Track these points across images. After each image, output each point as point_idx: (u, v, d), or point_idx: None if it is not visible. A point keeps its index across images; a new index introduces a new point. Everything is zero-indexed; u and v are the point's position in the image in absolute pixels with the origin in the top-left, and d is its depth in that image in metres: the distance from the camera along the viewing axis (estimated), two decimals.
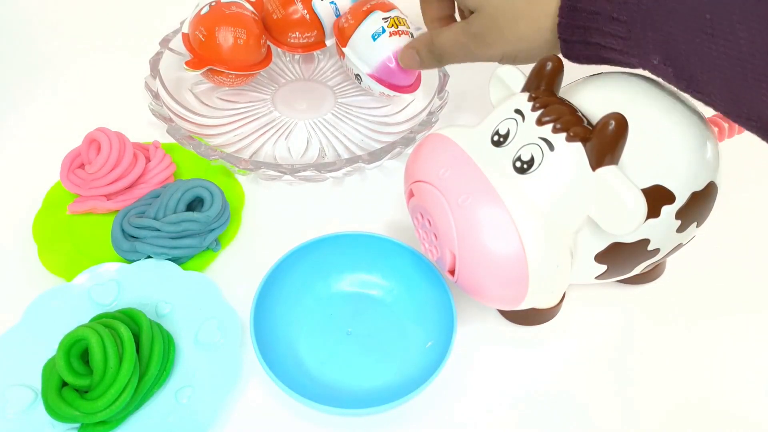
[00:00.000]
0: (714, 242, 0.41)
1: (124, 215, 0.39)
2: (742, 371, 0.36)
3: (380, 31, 0.44)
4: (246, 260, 0.40)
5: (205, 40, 0.45)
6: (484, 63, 0.39)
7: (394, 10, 0.46)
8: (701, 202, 0.31)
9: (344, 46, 0.46)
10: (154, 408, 0.32)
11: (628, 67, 0.32)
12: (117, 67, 0.54)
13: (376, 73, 0.46)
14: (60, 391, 0.31)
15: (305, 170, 0.42)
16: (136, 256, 0.38)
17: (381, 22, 0.45)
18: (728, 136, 0.37)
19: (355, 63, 0.46)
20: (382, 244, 0.38)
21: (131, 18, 0.60)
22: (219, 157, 0.42)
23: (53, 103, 0.51)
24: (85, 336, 0.31)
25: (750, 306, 0.39)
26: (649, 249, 0.32)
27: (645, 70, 0.30)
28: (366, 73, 0.46)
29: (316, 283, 0.38)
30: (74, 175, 0.41)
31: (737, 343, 0.37)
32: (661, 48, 0.28)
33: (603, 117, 0.27)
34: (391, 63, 0.45)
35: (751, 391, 0.35)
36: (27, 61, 0.55)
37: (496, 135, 0.31)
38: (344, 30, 0.46)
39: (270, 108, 0.50)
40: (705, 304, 0.39)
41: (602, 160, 0.28)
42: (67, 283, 0.37)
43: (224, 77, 0.47)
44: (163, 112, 0.44)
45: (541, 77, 0.31)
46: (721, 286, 0.40)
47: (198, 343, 0.35)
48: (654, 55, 0.29)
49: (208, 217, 0.38)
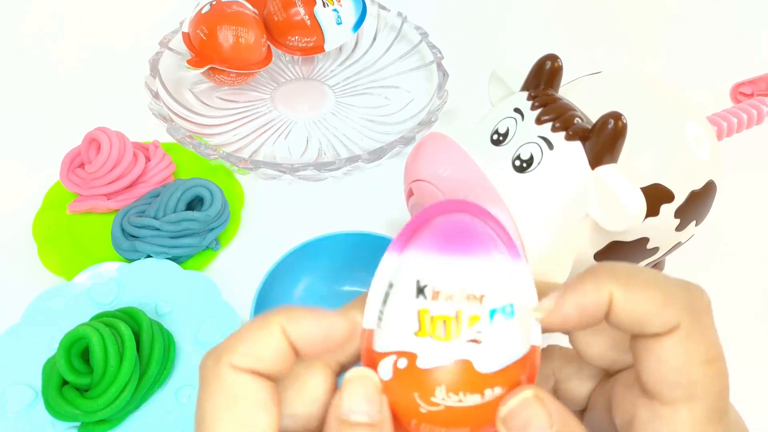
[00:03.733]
0: (713, 241, 0.41)
1: (124, 214, 0.39)
2: (742, 370, 0.36)
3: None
4: (246, 259, 0.40)
5: (206, 39, 0.45)
6: (483, 63, 0.39)
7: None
8: (700, 201, 0.32)
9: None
10: (154, 407, 0.32)
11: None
12: (117, 67, 0.54)
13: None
14: (60, 390, 0.31)
15: (305, 169, 0.42)
16: (136, 255, 0.38)
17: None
18: (727, 135, 0.37)
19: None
20: (382, 244, 0.38)
21: (131, 18, 0.60)
22: (219, 157, 0.42)
23: (53, 102, 0.51)
24: (85, 334, 0.31)
25: (749, 305, 0.39)
26: (648, 248, 0.32)
27: None
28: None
29: (316, 283, 0.38)
30: (74, 175, 0.41)
31: (737, 343, 0.37)
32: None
33: (602, 116, 0.27)
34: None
35: (752, 391, 0.35)
36: (27, 61, 0.55)
37: (495, 134, 0.31)
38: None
39: (270, 107, 0.50)
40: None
41: (601, 159, 0.28)
42: (67, 282, 0.37)
43: (225, 76, 0.47)
44: (162, 112, 0.45)
45: (540, 76, 0.31)
46: (720, 285, 0.40)
47: (198, 342, 0.35)
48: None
49: (207, 216, 0.38)
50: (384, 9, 0.56)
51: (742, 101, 0.45)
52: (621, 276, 0.17)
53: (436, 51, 0.53)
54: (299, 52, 0.51)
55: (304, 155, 0.47)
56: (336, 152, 0.47)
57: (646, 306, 0.16)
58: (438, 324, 0.17)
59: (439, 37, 0.54)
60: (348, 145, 0.47)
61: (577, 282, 0.17)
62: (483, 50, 0.59)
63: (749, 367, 0.36)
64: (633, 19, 0.66)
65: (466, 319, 0.17)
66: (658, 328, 0.16)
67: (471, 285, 0.17)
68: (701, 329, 0.17)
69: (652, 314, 0.16)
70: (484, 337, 0.17)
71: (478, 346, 0.17)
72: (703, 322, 0.17)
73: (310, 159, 0.46)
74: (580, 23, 0.65)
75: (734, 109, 0.40)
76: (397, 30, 0.56)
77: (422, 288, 0.17)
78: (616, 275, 0.17)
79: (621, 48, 0.61)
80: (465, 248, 0.17)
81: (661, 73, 0.55)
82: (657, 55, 0.60)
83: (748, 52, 0.61)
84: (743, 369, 0.36)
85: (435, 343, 0.17)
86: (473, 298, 0.17)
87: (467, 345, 0.17)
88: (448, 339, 0.17)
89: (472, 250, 0.17)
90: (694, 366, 0.16)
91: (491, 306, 0.17)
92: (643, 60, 0.59)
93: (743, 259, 0.41)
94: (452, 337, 0.17)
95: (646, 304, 0.16)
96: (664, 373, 0.17)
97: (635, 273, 0.17)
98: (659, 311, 0.16)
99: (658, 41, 0.63)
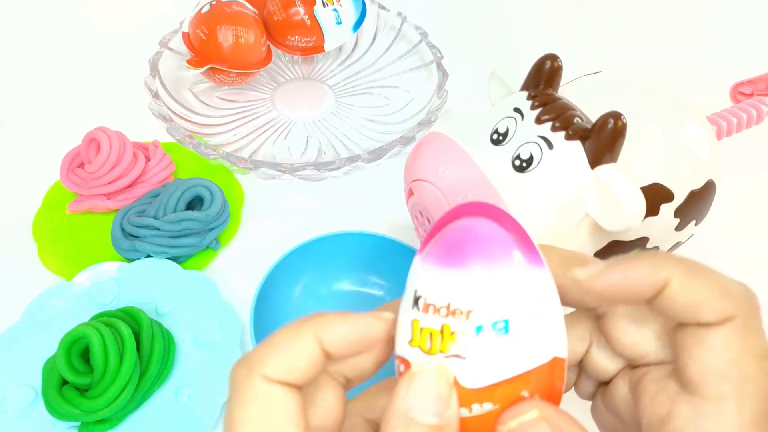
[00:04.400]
0: (712, 241, 0.41)
1: (123, 214, 0.39)
2: None
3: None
4: (246, 259, 0.40)
5: (206, 39, 0.45)
6: (483, 63, 0.39)
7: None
8: (700, 201, 0.32)
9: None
10: (154, 407, 0.32)
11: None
12: (117, 67, 0.54)
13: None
14: (60, 390, 0.31)
15: (304, 169, 0.42)
16: (136, 255, 0.38)
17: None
18: (727, 135, 0.37)
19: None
20: (382, 244, 0.38)
21: (131, 18, 0.60)
22: (218, 156, 0.42)
23: (53, 102, 0.51)
24: (85, 334, 0.31)
25: None
26: (648, 247, 0.32)
27: None
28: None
29: (316, 283, 0.38)
30: (74, 175, 0.41)
31: None
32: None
33: (602, 115, 0.27)
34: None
35: None
36: (27, 61, 0.55)
37: (495, 133, 0.31)
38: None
39: (269, 107, 0.50)
40: None
41: (601, 159, 0.28)
42: (67, 282, 0.37)
43: (225, 76, 0.47)
44: (162, 112, 0.45)
45: (540, 76, 0.31)
46: None
47: (198, 342, 0.35)
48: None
49: (207, 216, 0.38)
50: (384, 9, 0.56)
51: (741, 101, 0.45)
52: (680, 262, 0.16)
53: (435, 51, 0.53)
54: (299, 52, 0.51)
55: (303, 155, 0.47)
56: (336, 152, 0.47)
57: (704, 293, 0.16)
58: (425, 336, 0.17)
59: (439, 37, 0.54)
60: (348, 145, 0.47)
61: (631, 259, 0.17)
62: (483, 50, 0.59)
63: None
64: (633, 19, 0.66)
65: (450, 334, 0.16)
66: (714, 317, 0.16)
67: (458, 300, 0.16)
68: (758, 324, 0.16)
69: (709, 301, 0.16)
70: (469, 353, 0.16)
71: (462, 362, 0.16)
72: (758, 317, 0.16)
73: (310, 159, 0.46)
74: (580, 23, 0.65)
75: (734, 108, 0.40)
76: (396, 30, 0.56)
77: (417, 299, 0.17)
78: (676, 261, 0.17)
79: (621, 48, 0.61)
80: (462, 260, 0.17)
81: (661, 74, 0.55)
82: (657, 56, 0.60)
83: (748, 52, 0.61)
84: None
85: (422, 355, 0.17)
86: (459, 314, 0.16)
87: (450, 359, 0.16)
88: (433, 352, 0.16)
89: (471, 261, 0.17)
90: (748, 359, 0.16)
91: (478, 322, 0.16)
92: (643, 60, 0.59)
93: (743, 259, 0.41)
94: (437, 351, 0.16)
95: (705, 291, 0.16)
96: (715, 364, 0.16)
97: (693, 261, 0.17)
98: (717, 299, 0.16)
99: (658, 41, 0.63)
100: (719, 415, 0.16)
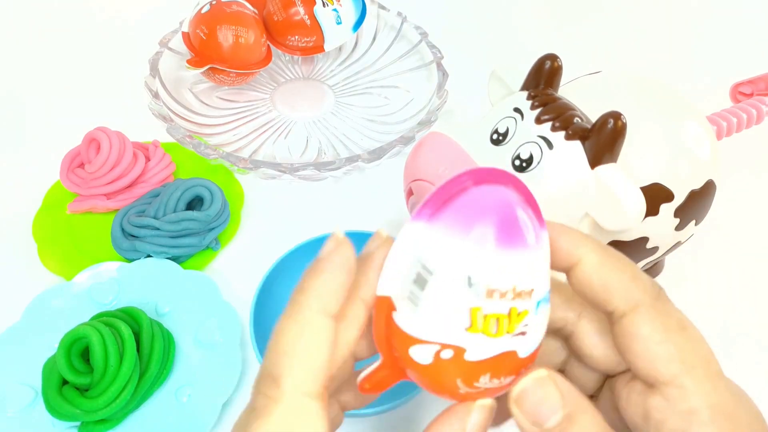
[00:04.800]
0: (712, 240, 0.41)
1: (123, 214, 0.39)
2: (742, 370, 0.36)
3: None
4: (245, 259, 0.40)
5: (206, 39, 0.45)
6: (483, 62, 0.39)
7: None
8: (700, 201, 0.32)
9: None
10: (154, 407, 0.32)
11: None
12: (117, 67, 0.54)
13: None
14: (60, 390, 0.31)
15: (304, 169, 0.42)
16: (136, 255, 0.38)
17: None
18: (727, 135, 0.37)
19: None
20: None
21: (131, 18, 0.60)
22: (218, 156, 0.42)
23: (53, 102, 0.51)
24: (86, 334, 0.31)
25: (749, 304, 0.39)
26: (648, 247, 0.32)
27: None
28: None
29: None
30: (74, 175, 0.41)
31: (737, 342, 0.37)
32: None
33: (602, 115, 0.27)
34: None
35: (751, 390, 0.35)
36: (27, 61, 0.55)
37: (495, 133, 0.31)
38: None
39: (269, 107, 0.50)
40: (704, 303, 0.39)
41: (601, 159, 0.28)
42: (67, 282, 0.37)
43: (225, 76, 0.47)
44: (162, 112, 0.45)
45: (540, 76, 0.31)
46: (719, 284, 0.40)
47: (198, 342, 0.35)
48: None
49: (207, 216, 0.38)
50: (384, 9, 0.56)
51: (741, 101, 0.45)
52: (598, 246, 0.18)
53: (435, 51, 0.53)
54: (299, 52, 0.51)
55: (303, 155, 0.47)
56: (336, 152, 0.47)
57: (616, 277, 0.17)
58: (491, 322, 0.17)
59: (439, 37, 0.54)
60: (348, 145, 0.47)
61: (562, 230, 0.18)
62: (483, 50, 0.59)
63: (749, 365, 0.36)
64: (633, 20, 0.66)
65: (517, 315, 0.17)
66: (623, 304, 0.17)
67: (522, 282, 0.17)
68: (662, 305, 0.18)
69: (620, 286, 0.17)
70: (530, 327, 0.17)
71: (524, 337, 0.17)
72: (663, 301, 0.18)
73: (310, 159, 0.46)
74: (580, 23, 0.65)
75: (734, 108, 0.40)
76: (396, 30, 0.56)
77: (474, 285, 0.16)
78: (595, 244, 0.18)
79: (621, 48, 0.61)
80: (514, 239, 0.16)
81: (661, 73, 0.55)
82: (657, 55, 0.60)
83: (748, 52, 0.61)
84: (743, 368, 0.36)
85: (486, 339, 0.17)
86: (525, 294, 0.17)
87: (516, 338, 0.17)
88: (500, 335, 0.17)
89: (521, 239, 0.17)
90: (674, 334, 0.17)
91: (538, 298, 0.17)
92: (642, 60, 0.59)
93: (743, 259, 0.41)
94: (503, 333, 0.17)
95: (618, 276, 0.18)
96: (653, 350, 0.17)
97: (610, 248, 0.18)
98: (627, 283, 0.17)
99: (658, 41, 0.63)
100: (684, 394, 0.17)
